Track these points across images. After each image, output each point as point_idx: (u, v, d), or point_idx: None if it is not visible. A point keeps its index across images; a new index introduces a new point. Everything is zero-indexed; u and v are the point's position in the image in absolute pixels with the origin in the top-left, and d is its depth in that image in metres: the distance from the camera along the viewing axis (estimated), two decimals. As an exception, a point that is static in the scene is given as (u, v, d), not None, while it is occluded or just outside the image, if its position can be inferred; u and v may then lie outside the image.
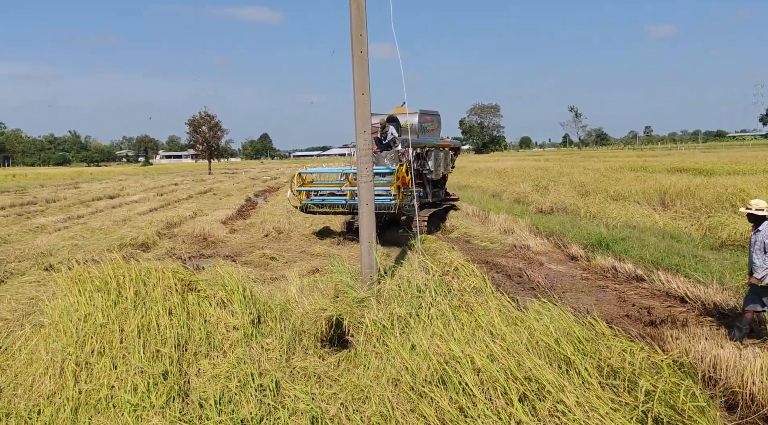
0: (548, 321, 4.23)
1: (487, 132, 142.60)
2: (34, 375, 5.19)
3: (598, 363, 3.88)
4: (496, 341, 4.01)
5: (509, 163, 48.25)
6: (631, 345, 3.97)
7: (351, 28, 7.67)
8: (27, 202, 27.02)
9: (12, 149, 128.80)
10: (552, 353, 3.96)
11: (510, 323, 4.31)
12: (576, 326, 4.23)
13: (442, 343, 4.06)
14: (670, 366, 3.67)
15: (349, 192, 13.34)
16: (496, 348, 3.85)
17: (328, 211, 13.93)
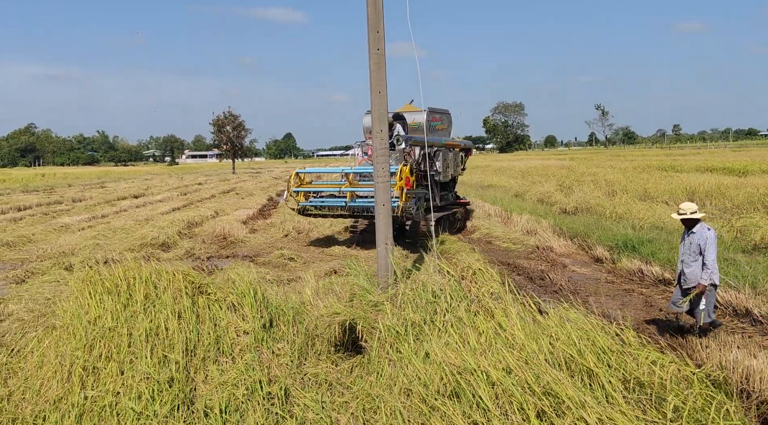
0: (570, 330, 3.99)
1: (511, 131, 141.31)
2: (43, 379, 5.13)
3: (623, 376, 3.65)
4: (514, 351, 3.79)
5: (533, 162, 47.62)
6: (661, 357, 3.72)
7: (368, 26, 7.49)
8: (54, 201, 27.41)
9: (43, 148, 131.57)
10: (574, 364, 3.73)
11: (529, 332, 4.08)
12: (600, 335, 3.98)
13: (455, 354, 3.85)
14: (701, 380, 3.41)
15: (349, 193, 12.57)
16: (513, 359, 3.63)
17: (327, 213, 13.19)
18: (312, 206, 13.30)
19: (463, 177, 36.80)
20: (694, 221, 6.56)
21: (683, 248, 6.64)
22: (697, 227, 6.55)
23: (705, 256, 6.42)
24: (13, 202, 26.33)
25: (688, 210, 6.54)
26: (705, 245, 6.41)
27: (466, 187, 29.44)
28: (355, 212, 12.72)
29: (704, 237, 6.45)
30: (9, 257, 13.05)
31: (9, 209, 23.37)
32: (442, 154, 14.55)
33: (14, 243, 14.73)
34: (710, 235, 6.47)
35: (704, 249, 6.42)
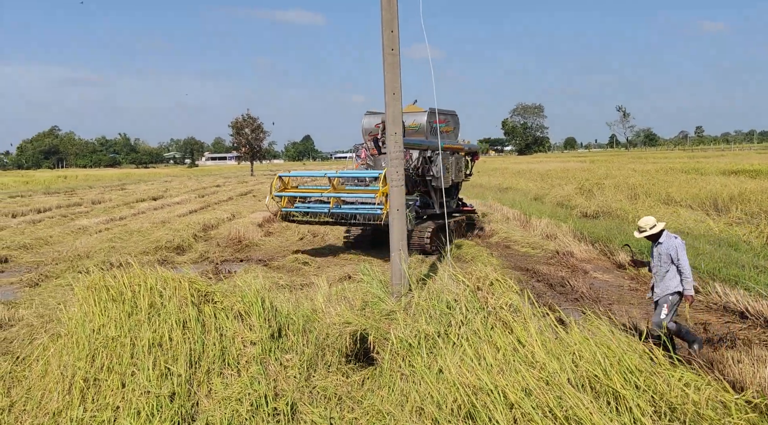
0: (595, 347, 3.70)
1: (531, 133, 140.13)
2: (45, 390, 4.97)
3: (652, 399, 3.36)
4: (534, 370, 3.53)
5: (553, 164, 47.03)
6: (695, 379, 3.43)
7: (382, 25, 7.27)
8: (73, 203, 27.61)
9: (66, 151, 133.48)
10: (599, 385, 3.45)
11: (550, 348, 3.80)
12: (628, 352, 3.69)
13: (470, 372, 3.60)
14: (740, 407, 3.12)
15: (333, 199, 11.75)
16: (532, 379, 3.37)
17: (311, 220, 12.33)
18: (297, 211, 12.48)
19: (482, 180, 36.56)
20: (658, 234, 6.29)
21: (653, 262, 6.38)
22: (663, 238, 6.27)
23: (680, 264, 6.15)
24: (33, 204, 26.58)
25: (647, 226, 6.28)
26: (676, 253, 6.14)
27: (484, 190, 29.12)
28: (340, 219, 11.87)
29: (673, 245, 6.17)
30: (25, 260, 13.06)
31: (29, 211, 23.57)
32: (440, 157, 13.48)
33: (31, 246, 14.77)
34: (678, 242, 6.23)
35: (676, 257, 6.15)
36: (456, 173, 14.37)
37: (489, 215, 18.15)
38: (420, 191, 13.39)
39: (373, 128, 13.56)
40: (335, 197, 11.76)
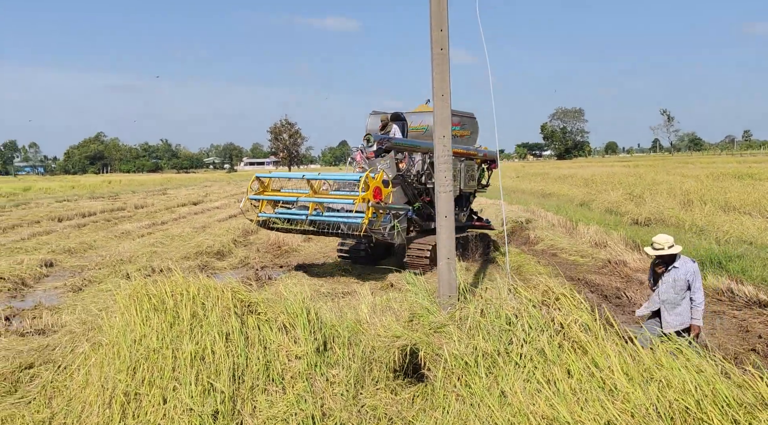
0: (685, 374, 3.28)
1: (570, 137, 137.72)
2: (85, 403, 4.81)
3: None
4: (615, 401, 3.14)
5: (595, 169, 45.86)
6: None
7: (430, 24, 6.97)
8: (117, 208, 28.07)
9: (110, 156, 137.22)
10: (691, 419, 3.04)
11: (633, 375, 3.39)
12: (721, 380, 3.26)
13: (540, 398, 3.23)
14: None
15: (311, 205, 10.12)
16: (615, 410, 2.99)
17: (290, 227, 10.75)
18: (278, 217, 10.87)
19: (523, 185, 35.81)
20: (673, 256, 5.69)
21: (663, 287, 5.71)
22: (680, 262, 5.68)
23: (693, 292, 5.61)
24: (79, 208, 27.11)
25: (666, 244, 5.64)
26: (693, 279, 5.60)
27: (526, 195, 28.48)
28: (322, 228, 10.27)
29: (691, 271, 5.62)
30: (69, 265, 13.16)
31: (75, 216, 24.00)
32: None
33: (75, 250, 14.91)
34: (696, 268, 5.69)
35: (693, 284, 5.60)
36: (466, 181, 12.59)
37: (533, 222, 17.61)
38: (423, 200, 11.95)
39: (377, 130, 12.53)
40: (314, 202, 10.13)
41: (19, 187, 43.97)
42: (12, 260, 12.70)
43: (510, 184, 38.12)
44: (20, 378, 5.84)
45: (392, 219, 10.03)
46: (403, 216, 10.41)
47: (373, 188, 9.45)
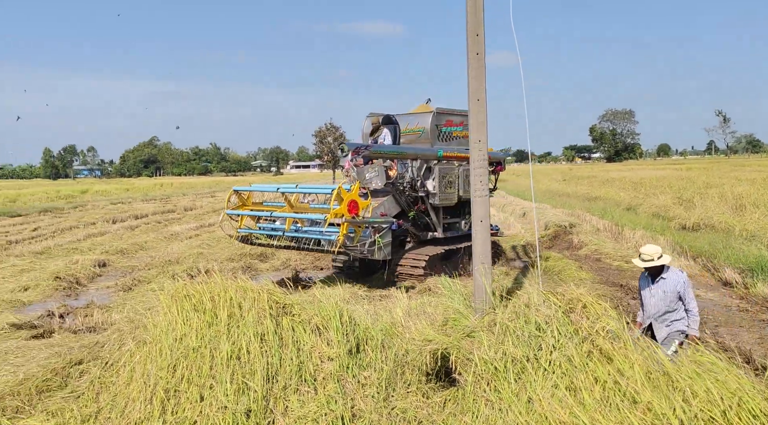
0: (710, 384, 3.22)
1: (620, 139, 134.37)
2: (129, 398, 5.03)
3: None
4: (637, 410, 3.11)
5: (646, 172, 44.62)
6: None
7: (467, 29, 6.99)
8: (167, 210, 29.01)
9: (163, 159, 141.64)
10: (717, 431, 2.99)
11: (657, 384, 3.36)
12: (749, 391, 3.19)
13: (563, 407, 3.23)
14: None
15: (288, 220, 9.51)
16: (637, 420, 2.97)
17: (271, 243, 10.16)
18: (261, 233, 10.26)
19: (568, 189, 35.16)
20: (662, 267, 5.46)
21: (653, 300, 5.47)
22: (668, 273, 5.45)
23: (687, 302, 5.37)
24: (132, 210, 28.15)
25: (654, 255, 5.39)
26: (684, 290, 5.35)
27: (571, 199, 27.98)
28: (303, 243, 9.57)
29: (681, 281, 5.37)
30: (121, 265, 13.71)
31: (128, 217, 24.95)
32: (438, 169, 10.89)
33: (127, 251, 15.52)
34: (686, 277, 5.44)
35: (684, 295, 5.36)
36: (466, 187, 11.38)
37: (577, 226, 17.31)
38: (417, 209, 11.07)
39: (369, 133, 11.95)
40: (291, 217, 9.50)
41: (78, 190, 45.87)
42: (68, 260, 13.33)
43: (555, 187, 37.50)
44: (70, 373, 6.14)
45: (372, 234, 9.37)
46: (387, 230, 9.65)
47: (348, 202, 8.71)
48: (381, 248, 9.39)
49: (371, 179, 9.94)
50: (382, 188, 10.14)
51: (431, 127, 11.26)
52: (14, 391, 5.69)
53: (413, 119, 11.64)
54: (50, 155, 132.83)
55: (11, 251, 15.33)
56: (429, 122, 11.26)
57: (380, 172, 10.06)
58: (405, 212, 10.82)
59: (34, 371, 6.24)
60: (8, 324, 8.22)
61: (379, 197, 10.24)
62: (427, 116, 11.37)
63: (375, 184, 9.90)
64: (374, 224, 9.33)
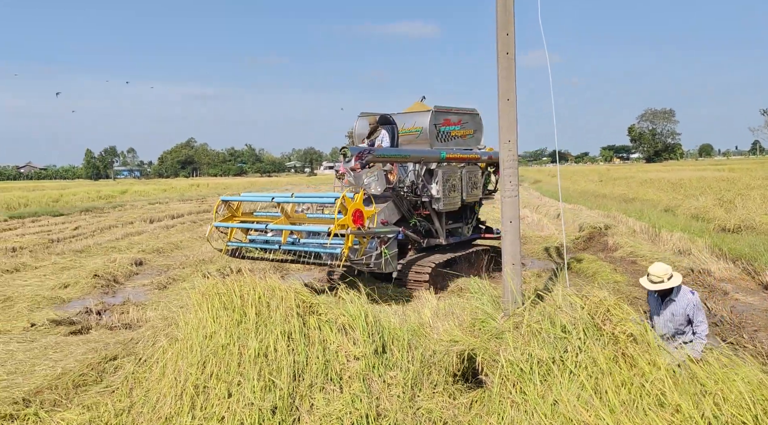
0: (741, 388, 3.13)
1: (660, 139, 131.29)
2: (160, 394, 5.14)
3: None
4: (666, 413, 3.04)
5: (686, 173, 43.51)
6: None
7: (496, 28, 6.94)
8: (203, 210, 29.52)
9: (199, 161, 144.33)
10: (747, 436, 2.91)
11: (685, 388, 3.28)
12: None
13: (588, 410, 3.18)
14: None
15: (284, 232, 8.54)
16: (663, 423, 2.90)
17: (266, 257, 9.27)
18: (254, 246, 9.31)
19: (604, 190, 34.53)
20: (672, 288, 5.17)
21: (661, 321, 5.20)
22: (678, 294, 5.17)
23: (695, 326, 5.08)
24: (169, 210, 28.76)
25: (664, 276, 5.09)
26: (693, 311, 5.07)
27: (607, 200, 27.47)
28: (301, 258, 8.75)
29: (691, 303, 5.09)
30: (157, 263, 14.02)
31: (164, 217, 25.50)
32: (441, 172, 10.18)
33: (163, 250, 15.85)
34: (696, 299, 5.14)
35: (694, 317, 5.06)
36: (469, 190, 10.93)
37: (612, 228, 16.99)
38: (419, 215, 10.44)
39: (365, 134, 11.27)
40: (287, 229, 8.56)
41: (117, 190, 47.08)
42: (106, 258, 13.70)
43: (591, 188, 36.87)
44: (106, 368, 6.32)
45: (378, 245, 8.59)
46: (393, 240, 9.04)
47: (353, 212, 7.91)
48: (389, 261, 8.78)
49: (370, 184, 9.29)
50: (381, 193, 9.52)
51: (430, 127, 10.56)
52: (52, 385, 5.89)
53: (410, 118, 10.92)
54: (92, 156, 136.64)
55: (53, 250, 15.83)
56: (427, 121, 10.56)
57: (380, 176, 9.40)
58: (406, 218, 10.17)
59: (72, 366, 6.45)
60: (48, 320, 8.49)
61: (378, 203, 9.52)
62: (425, 115, 10.67)
63: (374, 189, 9.31)
64: (380, 235, 8.62)
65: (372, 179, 9.31)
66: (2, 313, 9.28)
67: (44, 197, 36.02)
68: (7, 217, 25.76)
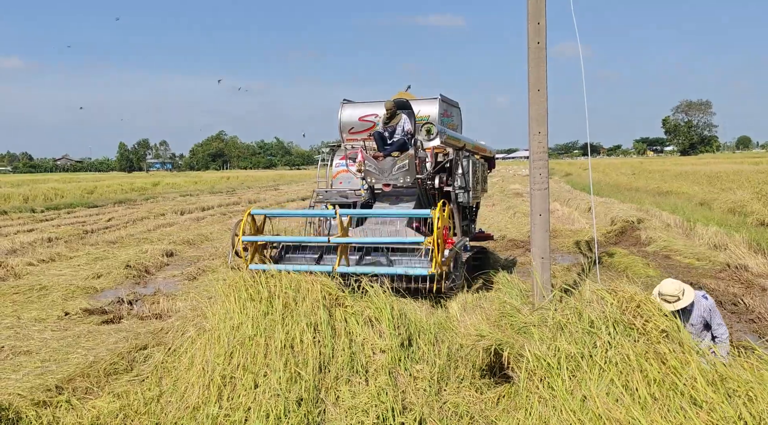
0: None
1: (696, 132, 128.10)
2: (188, 383, 5.19)
3: None
4: (700, 412, 2.94)
5: (722, 166, 42.41)
6: None
7: (528, 17, 6.81)
8: (232, 202, 29.86)
9: (230, 153, 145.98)
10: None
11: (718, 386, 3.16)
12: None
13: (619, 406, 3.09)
14: None
15: (342, 250, 7.06)
16: (699, 423, 2.80)
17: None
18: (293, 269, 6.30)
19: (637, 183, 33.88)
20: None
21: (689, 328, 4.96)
22: (695, 305, 5.02)
23: (714, 329, 4.96)
24: (199, 202, 29.16)
25: (679, 293, 4.87)
26: (710, 316, 4.96)
27: (640, 194, 26.92)
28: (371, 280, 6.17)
29: (706, 308, 4.97)
30: (188, 255, 14.20)
31: (195, 209, 25.85)
32: (470, 163, 9.34)
33: (193, 241, 16.07)
34: (711, 303, 5.03)
35: (711, 321, 4.96)
36: (483, 184, 10.35)
37: (645, 222, 16.63)
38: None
39: (358, 122, 10.17)
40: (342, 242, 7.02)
41: (150, 182, 47.92)
42: (138, 249, 13.93)
43: (624, 181, 36.19)
44: (136, 357, 6.41)
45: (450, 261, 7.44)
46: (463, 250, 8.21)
47: (443, 228, 6.78)
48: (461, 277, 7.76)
49: (399, 175, 8.23)
50: (408, 184, 8.56)
51: (439, 115, 9.74)
52: (84, 373, 6.00)
53: (415, 106, 9.99)
54: (125, 148, 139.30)
55: (87, 241, 16.18)
56: (437, 110, 9.79)
57: (410, 166, 8.26)
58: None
59: (103, 354, 6.57)
60: (81, 310, 8.67)
61: (403, 199, 8.81)
62: (433, 103, 9.91)
63: (403, 180, 8.36)
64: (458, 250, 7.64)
65: (401, 171, 8.35)
66: (38, 302, 9.51)
67: (79, 189, 36.86)
68: (44, 208, 26.44)
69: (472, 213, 10.90)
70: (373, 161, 8.68)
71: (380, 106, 9.83)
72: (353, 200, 9.49)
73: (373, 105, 10.20)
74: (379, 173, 8.58)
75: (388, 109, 9.37)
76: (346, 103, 10.50)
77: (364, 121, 10.09)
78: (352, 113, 10.43)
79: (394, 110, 9.41)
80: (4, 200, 28.78)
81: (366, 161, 8.77)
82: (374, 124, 10.04)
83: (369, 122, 10.10)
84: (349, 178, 9.99)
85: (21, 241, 15.11)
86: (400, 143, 9.00)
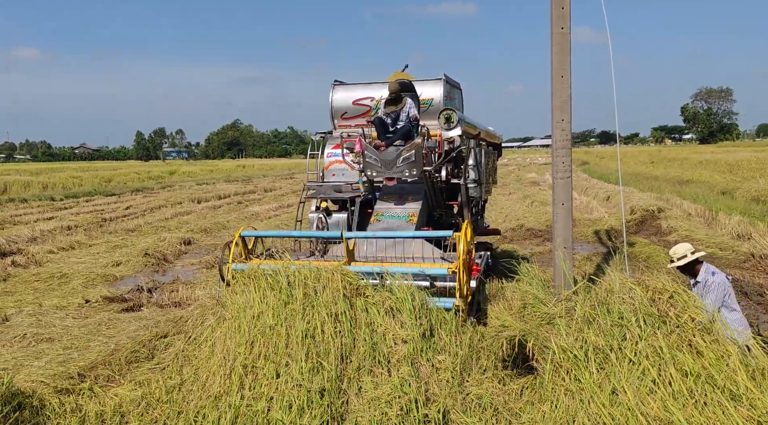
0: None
1: (716, 119, 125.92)
2: (209, 372, 5.18)
3: None
4: (740, 407, 2.85)
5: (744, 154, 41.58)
6: None
7: (551, 2, 6.64)
8: (248, 191, 29.94)
9: (245, 142, 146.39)
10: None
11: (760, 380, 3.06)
12: None
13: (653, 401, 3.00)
14: None
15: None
16: (739, 418, 2.71)
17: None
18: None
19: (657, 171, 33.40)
20: (694, 265, 4.89)
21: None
22: (701, 274, 4.85)
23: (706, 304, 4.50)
24: (215, 191, 29.26)
25: (675, 255, 4.88)
26: (706, 291, 4.72)
27: (660, 182, 26.55)
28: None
29: (708, 283, 4.76)
30: (205, 243, 14.26)
31: (211, 197, 25.96)
32: (483, 153, 8.39)
33: (210, 229, 16.12)
34: (715, 279, 4.76)
35: (704, 296, 4.67)
36: (494, 174, 9.48)
37: (665, 211, 16.38)
38: (444, 206, 8.44)
39: (351, 106, 8.98)
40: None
41: (166, 171, 48.19)
42: (156, 237, 14.00)
43: (642, 170, 35.74)
44: (156, 345, 6.43)
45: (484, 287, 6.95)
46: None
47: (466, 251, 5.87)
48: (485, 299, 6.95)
49: (404, 168, 7.28)
50: (415, 178, 7.50)
51: (443, 98, 8.58)
52: (106, 361, 6.03)
53: (417, 87, 8.75)
54: (142, 137, 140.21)
55: (106, 229, 16.30)
56: (440, 92, 8.58)
57: (417, 157, 7.23)
58: (432, 210, 8.16)
59: (124, 342, 6.59)
60: (102, 297, 8.73)
61: (408, 197, 7.79)
62: (437, 84, 8.66)
63: (409, 174, 7.35)
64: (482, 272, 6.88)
65: (407, 163, 7.30)
66: (59, 289, 9.59)
67: (97, 178, 37.18)
68: (63, 196, 26.69)
69: (481, 208, 9.98)
70: (375, 151, 7.58)
71: (376, 88, 8.79)
72: (349, 195, 8.31)
73: (368, 87, 8.97)
74: (381, 165, 7.50)
75: (392, 91, 8.02)
76: (338, 85, 9.19)
77: (358, 105, 8.93)
78: (345, 96, 9.11)
79: (398, 93, 8.04)
80: (24, 188, 29.12)
81: (366, 151, 7.64)
82: (370, 108, 8.80)
83: (364, 106, 8.90)
84: (344, 170, 8.80)
85: (41, 229, 15.26)
86: (404, 130, 7.76)
